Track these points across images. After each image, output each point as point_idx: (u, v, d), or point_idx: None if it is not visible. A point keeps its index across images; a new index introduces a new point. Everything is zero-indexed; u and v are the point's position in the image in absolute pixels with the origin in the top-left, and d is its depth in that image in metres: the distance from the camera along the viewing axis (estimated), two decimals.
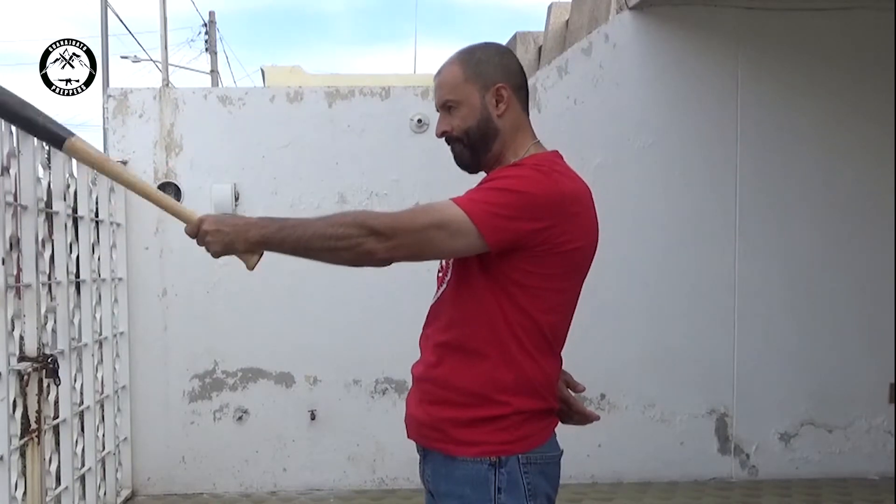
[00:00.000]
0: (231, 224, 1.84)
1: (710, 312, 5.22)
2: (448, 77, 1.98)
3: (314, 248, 1.80)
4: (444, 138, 2.03)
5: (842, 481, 5.18)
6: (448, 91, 1.98)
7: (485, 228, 1.78)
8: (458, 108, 1.97)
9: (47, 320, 3.66)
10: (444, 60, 2.02)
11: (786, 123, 5.23)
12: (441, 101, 2.00)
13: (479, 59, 1.97)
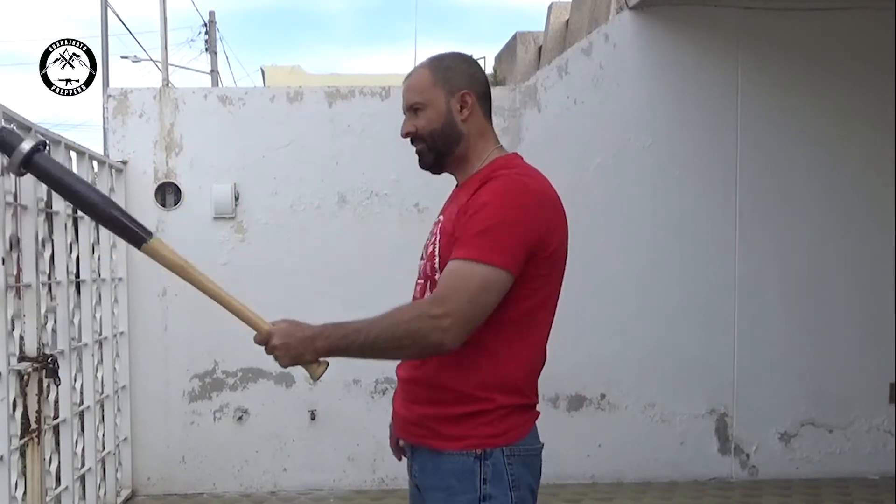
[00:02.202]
0: (298, 338, 1.92)
1: (710, 312, 5.22)
2: (417, 81, 2.08)
3: (380, 349, 1.90)
4: (408, 138, 2.14)
5: (842, 481, 5.18)
6: (416, 94, 2.08)
7: (513, 268, 1.87)
8: (424, 111, 2.07)
9: (47, 320, 3.66)
10: (416, 66, 2.14)
11: (785, 123, 5.23)
12: (409, 103, 2.10)
13: (447, 65, 2.08)
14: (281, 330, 1.95)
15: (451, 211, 2.02)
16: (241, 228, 5.05)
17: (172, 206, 5.06)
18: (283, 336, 1.93)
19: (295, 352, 1.92)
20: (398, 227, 5.05)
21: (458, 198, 2.05)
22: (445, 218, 2.04)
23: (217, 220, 5.03)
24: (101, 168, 4.68)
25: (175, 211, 5.04)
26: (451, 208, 2.05)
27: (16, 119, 3.37)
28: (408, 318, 1.86)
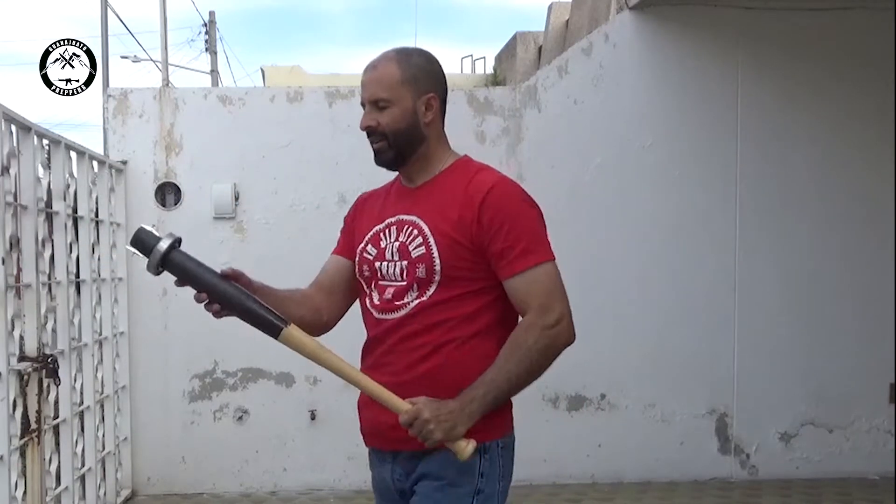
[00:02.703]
0: (448, 410, 1.86)
1: (710, 312, 5.22)
2: (385, 75, 2.03)
3: (526, 382, 1.95)
4: (366, 132, 2.09)
5: (842, 481, 5.18)
6: (382, 89, 2.03)
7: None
8: (390, 108, 2.04)
9: (47, 320, 3.66)
10: (379, 56, 2.08)
11: (786, 123, 5.23)
12: (374, 97, 2.04)
13: (416, 63, 2.07)
14: (428, 404, 1.86)
15: (439, 213, 1.99)
16: (241, 228, 5.05)
17: (172, 206, 5.06)
18: (432, 410, 1.85)
19: (448, 424, 1.85)
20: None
21: (437, 199, 2.02)
22: (430, 220, 1.99)
23: (217, 220, 5.03)
24: (101, 168, 4.68)
25: (175, 211, 5.04)
26: (427, 209, 2.01)
27: (16, 119, 3.37)
28: (532, 342, 1.94)
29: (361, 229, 2.13)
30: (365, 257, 2.07)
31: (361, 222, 2.16)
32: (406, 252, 1.99)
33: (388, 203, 2.12)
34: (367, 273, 2.07)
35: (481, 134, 5.09)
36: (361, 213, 2.20)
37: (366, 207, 2.20)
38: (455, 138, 5.86)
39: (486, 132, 5.09)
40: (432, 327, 1.97)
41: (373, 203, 2.19)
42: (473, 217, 1.96)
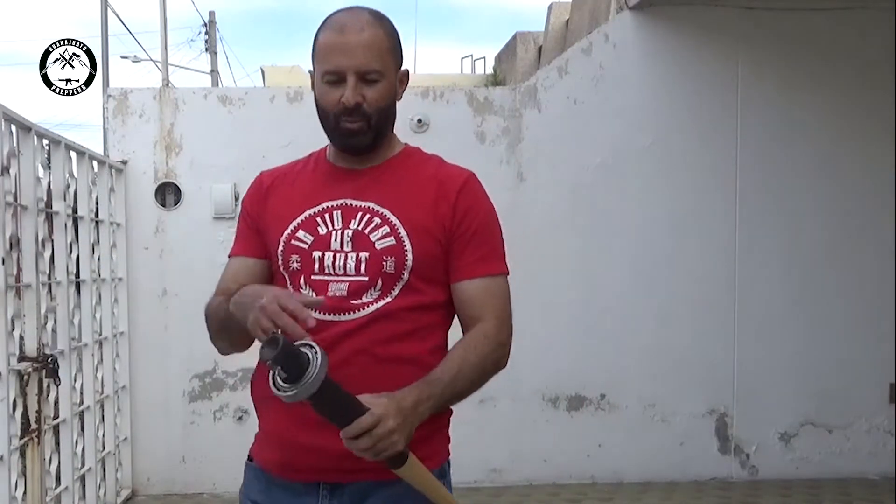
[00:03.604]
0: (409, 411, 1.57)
1: (711, 312, 5.22)
2: (375, 41, 1.71)
3: (469, 391, 1.70)
4: (344, 109, 1.72)
5: (842, 481, 5.18)
6: (375, 58, 1.71)
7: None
8: (379, 82, 1.73)
9: (47, 320, 3.66)
10: (351, 15, 1.74)
11: (786, 122, 5.23)
12: (365, 67, 1.70)
13: (394, 29, 1.78)
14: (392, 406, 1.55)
15: (408, 202, 1.74)
16: None
17: (172, 206, 5.05)
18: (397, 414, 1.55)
19: (408, 430, 1.57)
20: None
21: (399, 187, 1.76)
22: (397, 209, 1.73)
23: (217, 220, 5.03)
24: (101, 168, 4.68)
25: (175, 211, 5.04)
26: (389, 197, 1.74)
27: (16, 119, 3.37)
28: (489, 352, 1.71)
29: (280, 215, 1.78)
30: (295, 245, 1.73)
31: (276, 207, 1.80)
32: (366, 242, 1.70)
33: (317, 184, 1.80)
34: (297, 265, 1.72)
35: (481, 134, 5.09)
36: (272, 197, 1.82)
37: (277, 190, 1.83)
38: (455, 138, 5.87)
39: (486, 132, 5.09)
40: (400, 338, 1.69)
41: (288, 184, 1.83)
42: (449, 211, 1.75)
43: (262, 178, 1.89)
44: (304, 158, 1.91)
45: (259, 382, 1.78)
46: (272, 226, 1.79)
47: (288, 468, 1.74)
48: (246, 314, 1.57)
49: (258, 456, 1.84)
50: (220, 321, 1.73)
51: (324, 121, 1.78)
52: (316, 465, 1.69)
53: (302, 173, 1.86)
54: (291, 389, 1.48)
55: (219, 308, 1.73)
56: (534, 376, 5.12)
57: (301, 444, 1.69)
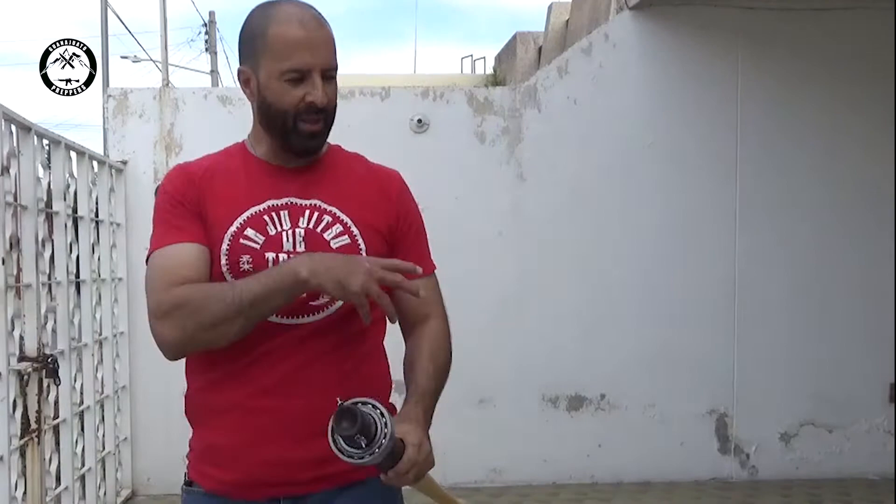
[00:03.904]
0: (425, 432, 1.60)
1: (710, 312, 5.22)
2: (331, 36, 1.65)
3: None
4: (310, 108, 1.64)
5: (842, 481, 5.18)
6: (333, 55, 1.66)
7: None
8: (333, 80, 1.67)
9: (47, 320, 3.66)
10: (302, 10, 1.65)
11: (786, 123, 5.23)
12: (328, 64, 1.64)
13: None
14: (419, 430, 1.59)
15: (353, 200, 1.70)
16: None
17: None
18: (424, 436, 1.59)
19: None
20: None
21: (339, 184, 1.72)
22: (345, 207, 1.69)
23: None
24: (101, 168, 4.68)
25: None
26: (334, 195, 1.69)
27: (16, 119, 3.37)
28: (449, 350, 1.76)
29: (220, 212, 1.65)
30: (245, 245, 1.62)
31: (214, 203, 1.66)
32: (320, 241, 1.64)
33: (255, 182, 1.68)
34: (249, 266, 1.61)
35: (481, 134, 5.08)
36: (206, 191, 1.67)
37: (210, 185, 1.68)
38: (455, 138, 5.87)
39: (486, 132, 5.09)
40: (353, 337, 1.66)
41: (220, 180, 1.69)
42: (392, 209, 1.74)
43: (187, 170, 1.72)
44: (221, 154, 1.75)
45: (205, 395, 1.66)
46: (213, 223, 1.65)
47: (247, 487, 1.63)
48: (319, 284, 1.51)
49: (206, 478, 1.67)
50: (247, 304, 1.54)
51: (277, 122, 1.65)
52: (278, 479, 1.63)
53: (232, 170, 1.70)
54: (367, 454, 1.45)
55: (234, 292, 1.55)
56: (534, 376, 5.13)
57: (262, 458, 1.61)
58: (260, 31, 1.64)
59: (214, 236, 1.64)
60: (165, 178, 1.74)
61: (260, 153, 1.72)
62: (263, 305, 1.55)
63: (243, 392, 1.62)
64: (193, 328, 1.57)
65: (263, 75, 1.64)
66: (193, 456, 1.71)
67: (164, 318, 1.58)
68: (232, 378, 1.63)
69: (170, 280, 1.61)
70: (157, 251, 1.66)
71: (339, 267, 1.52)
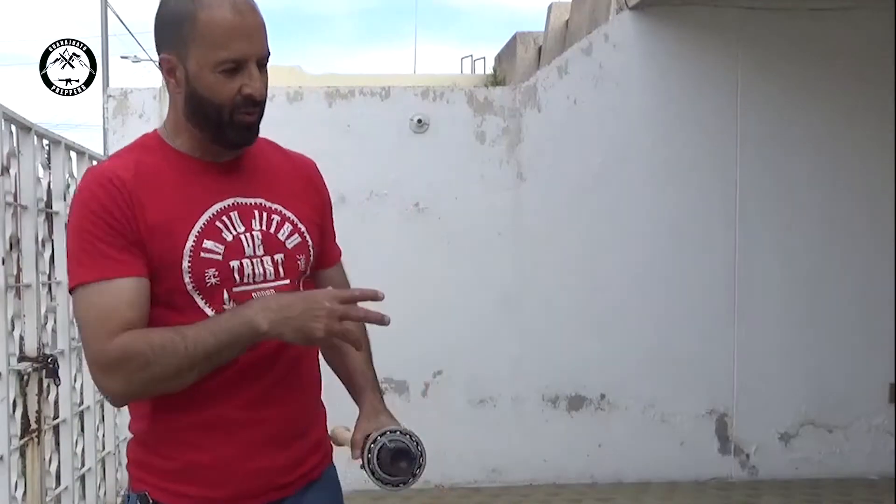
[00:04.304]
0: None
1: (711, 312, 5.22)
2: (262, 23, 1.54)
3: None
4: (248, 101, 1.54)
5: (842, 481, 5.18)
6: (267, 43, 1.55)
7: None
8: (265, 69, 1.56)
9: (47, 320, 3.65)
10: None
11: (786, 123, 5.23)
12: (263, 52, 1.54)
13: None
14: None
15: (288, 194, 1.65)
16: None
17: None
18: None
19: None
20: (398, 227, 5.05)
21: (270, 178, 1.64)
22: (286, 202, 1.64)
23: None
24: None
25: None
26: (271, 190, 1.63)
27: (16, 119, 3.37)
28: (366, 331, 1.78)
29: (167, 225, 1.52)
30: (207, 259, 1.52)
31: (157, 215, 1.52)
32: (278, 243, 1.60)
33: (192, 183, 1.57)
34: (216, 279, 1.53)
35: (481, 134, 5.08)
36: (142, 202, 1.51)
37: (144, 193, 1.52)
38: (455, 138, 5.85)
39: (486, 132, 5.09)
40: None
41: (153, 185, 1.54)
42: (319, 200, 1.71)
43: (110, 180, 1.51)
44: (137, 149, 1.60)
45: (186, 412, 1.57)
46: (161, 238, 1.51)
47: (236, 501, 1.59)
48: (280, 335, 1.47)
49: (184, 499, 1.58)
50: (201, 357, 1.47)
51: (211, 115, 1.53)
52: (265, 487, 1.61)
53: (161, 171, 1.56)
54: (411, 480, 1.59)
55: (186, 345, 1.47)
56: (534, 376, 5.12)
57: (252, 470, 1.59)
58: (187, 15, 1.50)
59: (171, 253, 1.51)
60: (84, 190, 1.53)
61: (180, 146, 1.59)
62: (217, 358, 1.49)
63: (230, 405, 1.56)
64: (142, 382, 1.50)
65: (193, 65, 1.51)
66: (156, 475, 1.60)
67: (109, 372, 1.49)
68: (218, 392, 1.55)
69: (111, 326, 1.47)
70: (91, 286, 1.49)
71: (299, 316, 1.46)
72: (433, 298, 5.01)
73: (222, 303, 1.54)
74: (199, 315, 1.52)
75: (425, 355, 5.02)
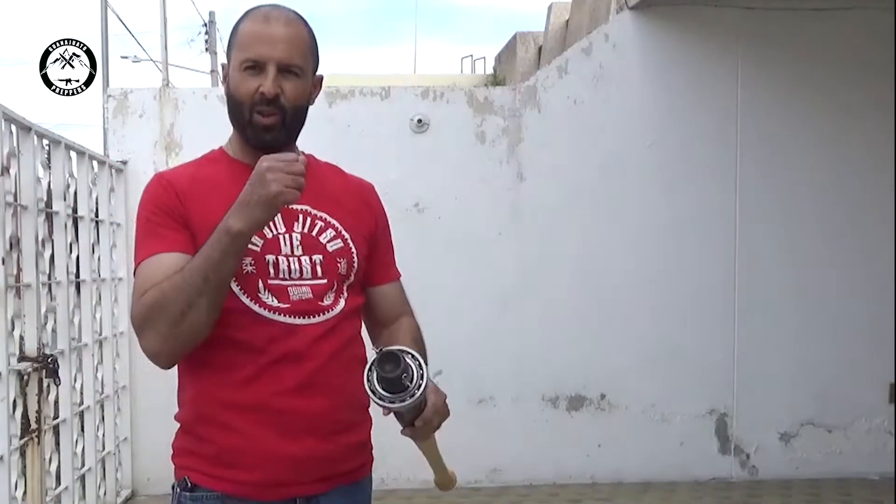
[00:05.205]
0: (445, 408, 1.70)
1: (711, 312, 5.22)
2: (299, 37, 1.68)
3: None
4: (262, 99, 1.65)
5: (842, 481, 5.18)
6: (299, 54, 1.68)
7: None
8: (299, 79, 1.69)
9: (47, 320, 3.66)
10: (276, 9, 1.70)
11: (786, 123, 5.23)
12: (289, 60, 1.66)
13: (314, 34, 1.74)
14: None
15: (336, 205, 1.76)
16: None
17: None
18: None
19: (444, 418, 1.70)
20: (398, 227, 5.02)
21: (323, 190, 1.75)
22: (332, 212, 1.74)
23: None
24: (101, 168, 4.68)
25: None
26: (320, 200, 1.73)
27: (16, 119, 3.37)
28: (423, 338, 1.83)
29: (208, 218, 1.62)
30: (246, 248, 1.61)
31: (204, 211, 1.65)
32: (317, 245, 1.69)
33: (243, 185, 1.63)
34: (251, 268, 1.63)
35: (481, 134, 5.08)
36: (192, 201, 1.67)
37: (194, 194, 1.68)
38: (455, 138, 5.85)
39: (486, 132, 5.09)
40: (353, 338, 1.72)
41: (205, 188, 1.69)
42: (372, 218, 1.82)
43: (168, 180, 1.70)
44: (200, 161, 1.78)
45: (224, 396, 1.63)
46: (207, 226, 1.61)
47: (270, 487, 1.63)
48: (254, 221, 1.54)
49: (222, 482, 1.64)
50: (200, 280, 1.55)
51: (236, 113, 1.69)
52: (299, 478, 1.64)
53: (214, 176, 1.71)
54: (408, 396, 1.55)
55: (184, 276, 1.56)
56: (534, 376, 5.13)
57: (287, 457, 1.62)
58: (235, 27, 1.71)
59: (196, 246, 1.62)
60: (147, 188, 1.71)
61: (235, 153, 1.74)
62: (215, 275, 1.55)
63: (267, 392, 1.62)
64: (167, 328, 1.56)
65: (231, 67, 1.69)
66: (196, 460, 1.66)
67: (142, 330, 1.60)
68: (255, 379, 1.62)
69: (142, 290, 1.60)
70: (145, 262, 1.64)
71: (253, 192, 1.54)
72: (433, 298, 5.01)
73: (257, 291, 1.63)
74: (235, 301, 1.62)
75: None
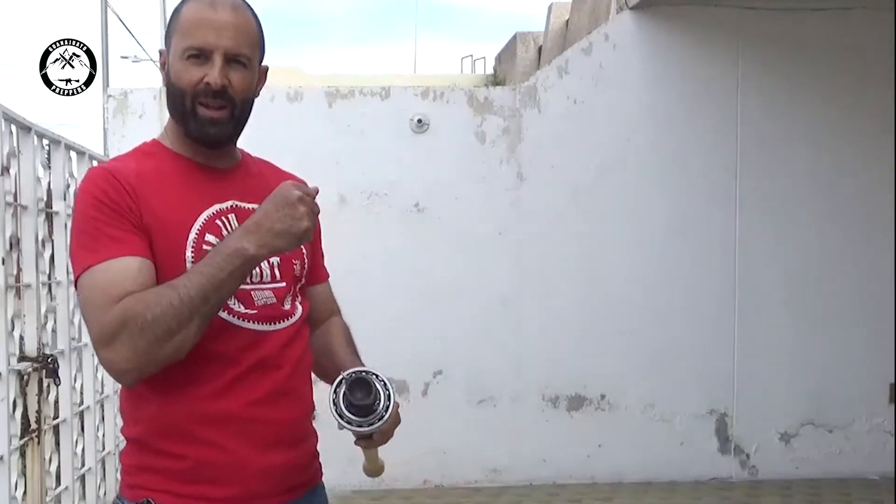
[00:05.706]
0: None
1: (710, 312, 5.22)
2: (246, 27, 1.58)
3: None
4: (206, 90, 1.55)
5: (842, 481, 5.18)
6: (247, 43, 1.57)
7: None
8: (246, 70, 1.58)
9: (47, 320, 3.65)
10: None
11: (786, 123, 5.23)
12: (236, 50, 1.55)
13: (260, 23, 1.63)
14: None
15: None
16: None
17: None
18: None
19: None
20: (398, 227, 5.05)
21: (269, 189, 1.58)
22: None
23: None
24: None
25: None
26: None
27: (16, 119, 3.37)
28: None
29: (170, 218, 1.54)
30: (208, 251, 1.52)
31: (159, 209, 1.53)
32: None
33: (193, 183, 1.60)
34: None
35: (481, 134, 5.08)
36: (144, 198, 1.53)
37: (145, 189, 1.54)
38: (455, 138, 5.84)
39: (486, 132, 5.09)
40: (307, 343, 1.70)
41: (154, 183, 1.56)
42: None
43: (114, 174, 1.54)
44: (136, 155, 1.63)
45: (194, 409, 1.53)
46: (164, 230, 1.52)
47: (248, 500, 1.57)
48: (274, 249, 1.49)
49: (187, 500, 1.54)
50: (198, 300, 1.45)
51: (178, 104, 1.57)
52: (273, 488, 1.60)
53: (159, 171, 1.58)
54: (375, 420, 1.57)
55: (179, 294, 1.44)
56: (534, 376, 5.13)
57: (261, 469, 1.57)
58: (176, 10, 1.60)
59: (174, 244, 1.53)
60: (87, 183, 1.55)
61: (175, 146, 1.62)
62: (216, 296, 1.46)
63: (240, 402, 1.55)
64: (147, 346, 1.44)
65: (172, 54, 1.58)
66: (161, 479, 1.55)
67: (112, 343, 1.44)
68: (228, 389, 1.54)
69: (110, 297, 1.45)
70: (97, 267, 1.48)
71: (278, 221, 1.49)
72: (433, 298, 5.02)
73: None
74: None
75: (425, 355, 5.02)
